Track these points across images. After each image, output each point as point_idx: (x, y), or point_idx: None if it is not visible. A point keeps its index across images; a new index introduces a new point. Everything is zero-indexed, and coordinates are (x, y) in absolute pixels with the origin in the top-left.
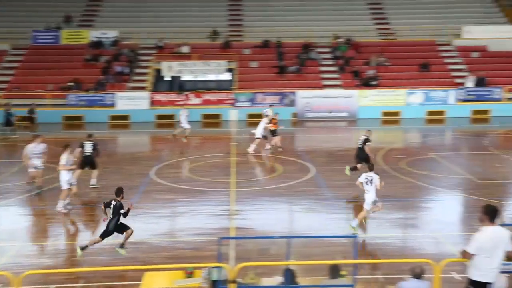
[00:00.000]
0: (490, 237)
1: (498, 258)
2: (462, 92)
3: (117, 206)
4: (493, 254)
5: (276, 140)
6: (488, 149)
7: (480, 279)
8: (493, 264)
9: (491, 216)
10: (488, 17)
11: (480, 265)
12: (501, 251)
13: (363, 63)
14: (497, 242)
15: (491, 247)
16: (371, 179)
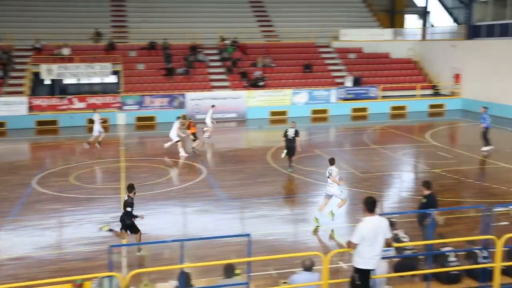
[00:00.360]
0: (371, 226)
1: (379, 246)
2: (342, 91)
3: (126, 202)
4: (374, 243)
5: (197, 143)
6: (367, 144)
7: (363, 266)
8: (374, 251)
9: (370, 207)
10: (362, 21)
11: (363, 254)
12: (381, 239)
13: (250, 64)
14: (377, 231)
15: (372, 236)
16: (330, 172)
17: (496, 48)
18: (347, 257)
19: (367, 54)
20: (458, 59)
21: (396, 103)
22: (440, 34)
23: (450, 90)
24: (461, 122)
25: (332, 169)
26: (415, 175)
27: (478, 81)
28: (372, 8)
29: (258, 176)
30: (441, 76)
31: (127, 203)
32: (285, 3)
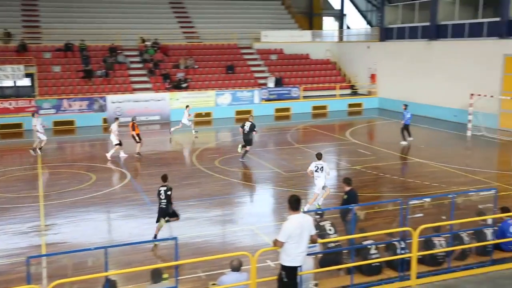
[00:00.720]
0: (296, 224)
1: (304, 243)
2: (265, 92)
3: (168, 188)
4: (299, 240)
5: (138, 146)
6: (291, 144)
7: (290, 264)
8: (300, 248)
9: (294, 205)
10: (282, 23)
11: (289, 251)
12: (306, 236)
13: (172, 66)
14: (302, 228)
15: (298, 233)
16: (321, 166)
17: (406, 50)
18: (275, 256)
19: (288, 55)
20: (373, 60)
21: (317, 103)
22: (356, 36)
23: (367, 89)
24: (378, 120)
25: (322, 164)
26: (337, 172)
27: (392, 81)
28: (291, 10)
29: (183, 179)
30: (359, 76)
31: (169, 189)
32: (206, 5)
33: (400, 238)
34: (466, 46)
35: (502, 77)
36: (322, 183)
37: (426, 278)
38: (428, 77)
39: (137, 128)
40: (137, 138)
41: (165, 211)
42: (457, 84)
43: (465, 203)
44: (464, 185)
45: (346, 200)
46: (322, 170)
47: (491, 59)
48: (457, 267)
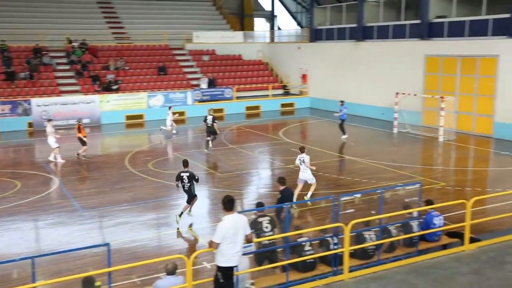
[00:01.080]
0: (230, 224)
1: (239, 242)
2: (198, 93)
3: (192, 174)
4: (234, 240)
5: (83, 148)
6: (225, 144)
7: (226, 264)
8: (235, 249)
9: (228, 205)
10: (213, 24)
11: (225, 252)
12: (241, 236)
13: (101, 67)
14: (237, 229)
15: (232, 233)
16: (303, 159)
17: (335, 50)
18: (211, 257)
19: (220, 56)
20: (304, 60)
21: (250, 103)
22: (287, 37)
23: (298, 89)
24: (310, 120)
25: (304, 156)
26: (272, 171)
27: (323, 81)
28: (222, 11)
29: (116, 183)
30: (290, 77)
31: (192, 174)
32: (135, 5)
33: (333, 234)
34: (390, 47)
35: (424, 76)
36: (310, 173)
37: (358, 271)
38: (357, 76)
39: (83, 130)
40: (84, 140)
41: (188, 193)
42: (383, 84)
43: (393, 197)
44: (392, 180)
45: (280, 199)
46: (304, 163)
47: (414, 59)
48: (387, 259)
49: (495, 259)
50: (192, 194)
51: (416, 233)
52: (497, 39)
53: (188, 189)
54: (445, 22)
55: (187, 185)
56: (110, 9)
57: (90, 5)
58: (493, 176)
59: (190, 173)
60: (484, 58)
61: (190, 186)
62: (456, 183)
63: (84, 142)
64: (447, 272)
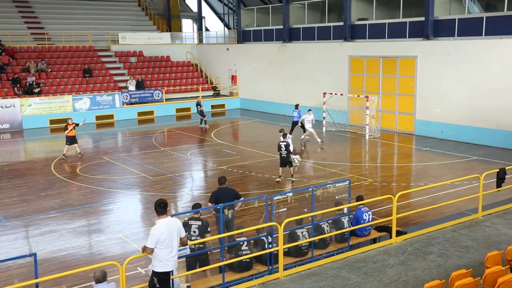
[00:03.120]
0: (162, 229)
1: (175, 247)
2: (126, 96)
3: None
4: (170, 244)
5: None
6: (156, 147)
7: (162, 269)
8: (172, 253)
9: (160, 209)
10: (140, 25)
11: (160, 256)
12: (176, 240)
13: (21, 69)
14: (171, 232)
15: (166, 237)
16: (284, 145)
17: (263, 51)
18: (144, 262)
19: (148, 57)
20: (233, 62)
21: (181, 105)
22: (215, 38)
23: (228, 90)
24: (241, 120)
25: (286, 141)
26: (205, 173)
27: (252, 82)
28: (149, 12)
29: (41, 190)
30: (220, 78)
31: (288, 144)
32: (55, 5)
33: (267, 233)
34: (316, 48)
35: (349, 76)
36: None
37: (292, 269)
38: (285, 77)
39: (73, 129)
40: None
41: (285, 160)
42: (311, 84)
43: (324, 195)
44: (322, 178)
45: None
46: (291, 145)
47: (339, 60)
48: (320, 256)
49: (420, 250)
50: (288, 160)
51: (347, 229)
52: (414, 41)
53: (286, 155)
54: (367, 24)
55: (284, 152)
56: (27, 9)
57: (5, 3)
58: (416, 171)
59: (287, 143)
60: (403, 58)
61: (287, 154)
62: (382, 179)
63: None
64: (377, 265)
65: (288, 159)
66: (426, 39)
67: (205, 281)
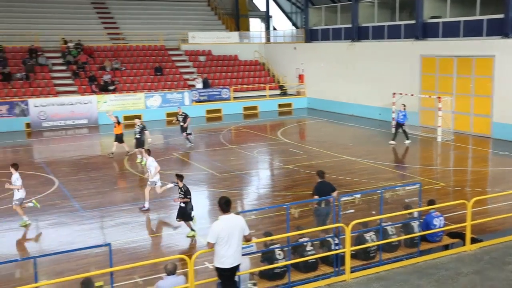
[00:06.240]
0: (223, 225)
1: (235, 244)
2: (195, 93)
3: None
4: (229, 242)
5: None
6: (224, 145)
7: (219, 265)
8: (230, 250)
9: (224, 207)
10: (209, 24)
11: (219, 253)
12: (237, 237)
13: (97, 68)
14: (231, 229)
15: (226, 234)
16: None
17: (331, 51)
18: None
19: (216, 56)
20: (300, 61)
21: (248, 104)
22: (283, 37)
23: (296, 90)
24: (308, 120)
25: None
26: (271, 172)
27: (319, 81)
28: (217, 12)
29: (115, 183)
30: (287, 77)
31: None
32: (129, 5)
33: (334, 234)
34: (386, 47)
35: (421, 76)
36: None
37: (359, 272)
38: (353, 77)
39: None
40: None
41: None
42: (380, 84)
43: (393, 197)
44: (391, 180)
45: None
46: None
47: (410, 60)
48: (388, 260)
49: (497, 260)
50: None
51: (418, 234)
52: (492, 39)
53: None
54: (440, 22)
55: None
56: (104, 9)
57: (84, 5)
58: (493, 176)
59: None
60: (480, 58)
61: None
62: (455, 183)
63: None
64: (449, 273)
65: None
66: (506, 38)
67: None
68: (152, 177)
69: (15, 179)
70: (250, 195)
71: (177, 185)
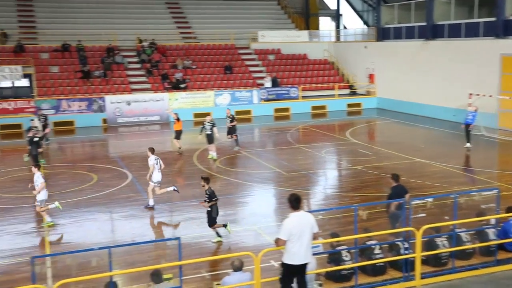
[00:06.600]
0: (296, 222)
1: (306, 241)
2: (264, 92)
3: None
4: (301, 239)
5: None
6: (291, 144)
7: (289, 261)
8: (302, 247)
9: (294, 204)
10: (278, 23)
11: (290, 249)
12: (308, 234)
13: (170, 66)
14: (303, 226)
15: (298, 231)
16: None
17: (404, 49)
18: (278, 256)
19: (285, 55)
20: (371, 60)
21: (316, 103)
22: (353, 36)
23: (365, 89)
24: (378, 120)
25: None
26: (339, 172)
27: (390, 81)
28: (287, 11)
29: (185, 179)
30: (357, 76)
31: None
32: (202, 5)
33: (404, 238)
34: (463, 46)
35: (500, 76)
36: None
37: (431, 279)
38: (426, 76)
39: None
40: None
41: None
42: (455, 84)
43: (467, 203)
44: (466, 185)
45: (390, 196)
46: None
47: (488, 59)
48: (462, 268)
49: None
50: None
51: (495, 242)
52: None
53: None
54: None
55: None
56: (177, 9)
57: (159, 6)
58: None
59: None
60: None
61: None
62: None
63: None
64: None
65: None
66: None
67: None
68: (150, 176)
69: (36, 178)
70: (317, 195)
71: (176, 190)
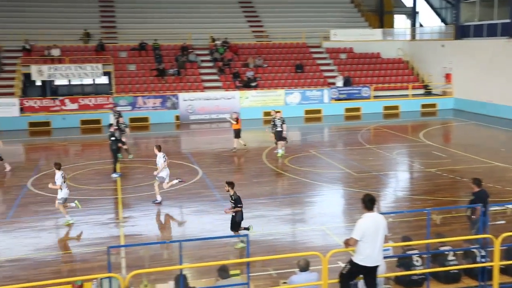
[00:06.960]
0: (370, 222)
1: (379, 243)
2: (335, 92)
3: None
4: (374, 239)
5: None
6: (362, 144)
7: (360, 262)
8: (375, 249)
9: (369, 204)
10: (351, 22)
11: (362, 250)
12: (381, 236)
13: (241, 64)
14: (377, 228)
15: (372, 232)
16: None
17: (484, 48)
18: (345, 257)
19: (358, 54)
20: (448, 59)
21: (389, 103)
22: (429, 34)
23: (441, 89)
24: (454, 122)
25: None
26: (410, 174)
27: (469, 81)
28: (361, 9)
29: (254, 177)
30: (433, 76)
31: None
32: (275, 4)
33: (480, 246)
34: None
35: None
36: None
37: None
38: (508, 76)
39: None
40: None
41: None
42: None
43: None
44: None
45: (473, 201)
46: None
47: None
48: None
49: None
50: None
51: None
52: None
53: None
54: None
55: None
56: (250, 9)
57: (232, 5)
58: None
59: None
60: None
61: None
62: None
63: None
64: None
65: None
66: None
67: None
68: (158, 173)
69: (57, 177)
70: (388, 197)
71: (182, 181)
